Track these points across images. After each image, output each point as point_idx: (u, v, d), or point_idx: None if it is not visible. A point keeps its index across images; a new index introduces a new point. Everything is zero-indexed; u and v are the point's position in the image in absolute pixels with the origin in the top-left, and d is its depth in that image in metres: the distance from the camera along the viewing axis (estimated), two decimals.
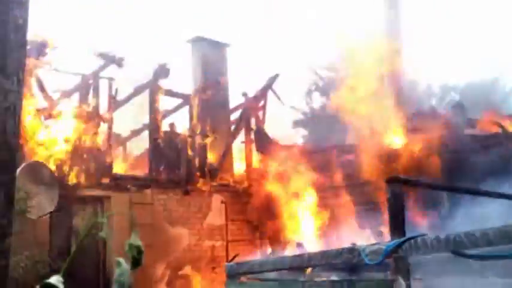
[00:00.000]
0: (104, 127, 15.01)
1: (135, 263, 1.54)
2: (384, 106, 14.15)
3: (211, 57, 18.46)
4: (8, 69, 3.36)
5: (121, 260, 1.49)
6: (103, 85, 15.16)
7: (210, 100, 17.24)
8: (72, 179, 13.55)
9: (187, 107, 17.09)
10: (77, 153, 13.83)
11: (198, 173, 16.18)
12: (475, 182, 6.43)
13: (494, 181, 7.26)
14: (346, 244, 5.57)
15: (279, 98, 18.22)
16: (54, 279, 1.49)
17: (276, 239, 15.28)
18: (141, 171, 16.38)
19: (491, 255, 4.04)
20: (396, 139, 14.11)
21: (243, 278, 6.48)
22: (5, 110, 3.33)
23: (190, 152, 16.17)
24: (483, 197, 5.75)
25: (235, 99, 18.62)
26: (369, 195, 12.31)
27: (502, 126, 11.63)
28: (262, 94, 18.03)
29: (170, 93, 16.67)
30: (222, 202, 16.46)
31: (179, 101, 17.60)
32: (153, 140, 15.78)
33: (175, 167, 15.92)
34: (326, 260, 5.17)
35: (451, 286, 4.32)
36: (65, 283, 1.51)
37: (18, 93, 3.44)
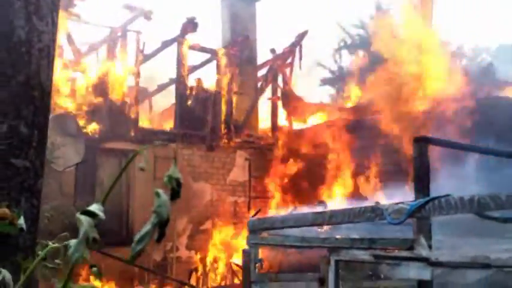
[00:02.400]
0: (131, 81, 15.08)
1: (175, 194, 1.54)
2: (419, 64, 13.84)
3: (240, 12, 18.30)
4: (42, 10, 3.35)
5: (160, 190, 1.49)
6: (131, 38, 15.17)
7: (238, 56, 17.15)
8: (97, 132, 13.67)
9: (214, 63, 17.02)
10: (102, 105, 13.93)
11: (223, 129, 16.19)
12: (505, 144, 6.33)
13: None
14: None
15: (300, 60, 17.93)
16: (95, 207, 1.49)
17: (302, 199, 15.25)
18: (167, 126, 16.47)
19: None
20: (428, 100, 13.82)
21: (264, 233, 6.51)
22: (39, 51, 3.33)
23: (216, 108, 16.15)
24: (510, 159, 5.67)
25: (263, 56, 18.50)
26: (399, 158, 12.16)
27: None
28: (290, 51, 17.83)
29: (198, 48, 16.60)
30: (246, 159, 16.51)
31: (207, 56, 17.53)
32: (179, 94, 15.80)
33: (200, 123, 15.94)
34: (348, 218, 5.15)
35: (472, 247, 4.28)
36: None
37: (52, 35, 3.43)
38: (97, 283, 9.14)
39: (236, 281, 14.16)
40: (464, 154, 5.42)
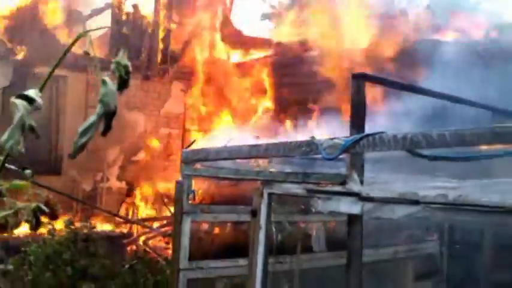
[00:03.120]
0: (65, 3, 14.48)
1: (122, 83, 1.42)
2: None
3: None
4: None
5: (107, 79, 1.37)
6: None
7: None
8: (25, 55, 13.14)
9: None
10: (31, 28, 13.35)
11: (159, 59, 15.87)
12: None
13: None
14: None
15: None
16: (32, 92, 1.37)
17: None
18: (101, 53, 15.97)
19: (446, 156, 4.09)
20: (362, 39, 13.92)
21: (198, 165, 6.48)
22: None
23: (152, 37, 15.76)
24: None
25: None
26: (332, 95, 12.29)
27: None
28: None
29: None
30: (181, 90, 16.30)
31: None
32: (115, 20, 15.30)
33: (136, 51, 15.55)
34: (283, 151, 5.17)
35: (402, 184, 4.39)
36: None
37: None
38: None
39: (167, 213, 14.19)
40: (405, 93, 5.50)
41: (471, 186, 3.94)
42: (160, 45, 15.94)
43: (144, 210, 15.16)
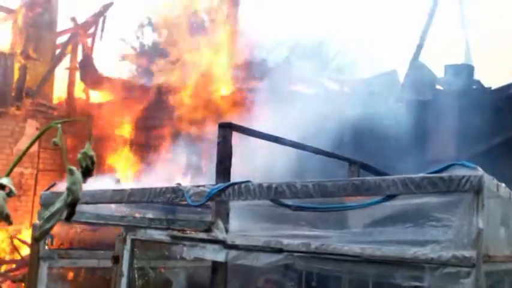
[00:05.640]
0: None
1: (87, 173, 1.45)
2: (218, 51, 14.27)
3: None
4: None
5: (73, 168, 1.39)
6: None
7: (37, 19, 16.13)
8: None
9: (10, 23, 15.85)
10: None
11: (13, 95, 15.16)
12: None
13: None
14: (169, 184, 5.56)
15: (102, 31, 17.47)
16: (5, 180, 1.36)
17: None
18: None
19: (308, 206, 4.28)
20: (224, 88, 14.31)
21: None
22: None
23: (7, 72, 15.06)
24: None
25: (64, 22, 17.60)
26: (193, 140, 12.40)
27: None
28: (94, 21, 17.21)
29: None
30: (36, 128, 15.65)
31: (2, 14, 16.25)
32: None
33: None
34: (148, 197, 5.14)
35: (267, 232, 4.53)
36: None
37: None
38: None
39: (18, 256, 13.38)
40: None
41: (333, 236, 4.15)
42: (15, 81, 15.25)
43: None
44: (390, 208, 4.09)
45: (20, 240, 13.56)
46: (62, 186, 7.16)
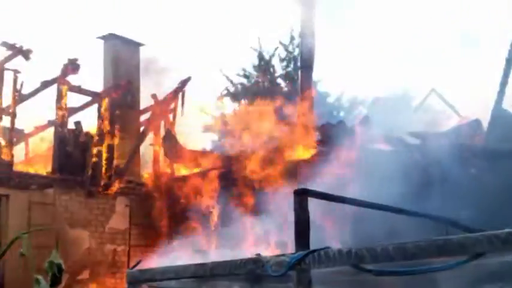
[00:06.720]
0: (6, 121, 14.42)
1: (55, 281, 1.47)
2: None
3: (123, 55, 18.11)
4: None
5: (40, 278, 1.41)
6: (8, 77, 14.55)
7: (120, 100, 16.90)
8: None
9: (95, 106, 16.65)
10: None
11: (103, 175, 15.77)
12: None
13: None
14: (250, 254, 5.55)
15: (182, 106, 18.02)
16: None
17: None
18: (44, 170, 15.79)
19: (389, 270, 4.12)
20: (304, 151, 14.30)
21: (144, 286, 6.34)
22: None
23: (96, 153, 15.73)
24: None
25: (146, 100, 18.32)
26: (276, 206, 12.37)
27: None
28: (173, 97, 17.82)
29: (79, 90, 16.21)
30: (126, 205, 16.12)
31: (88, 98, 17.11)
32: (58, 138, 15.26)
33: (80, 167, 15.44)
34: (229, 270, 5.13)
35: None
36: None
37: None
38: None
39: None
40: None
41: None
42: (104, 161, 15.88)
43: None
44: (480, 268, 3.88)
45: None
46: (148, 263, 7.29)
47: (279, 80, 27.52)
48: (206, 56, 34.46)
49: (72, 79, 15.61)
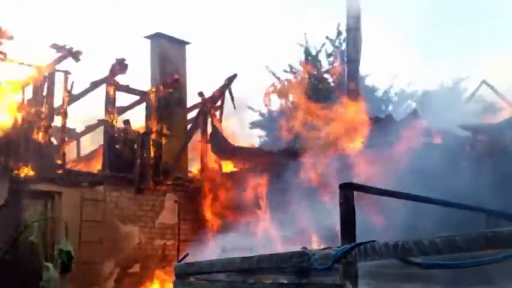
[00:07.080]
0: (57, 121, 14.75)
1: (65, 268, 1.45)
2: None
3: (170, 54, 18.28)
4: None
5: (49, 265, 1.40)
6: (59, 78, 14.87)
7: (168, 98, 17.09)
8: (22, 172, 13.24)
9: (144, 104, 16.88)
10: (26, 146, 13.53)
11: (152, 172, 15.98)
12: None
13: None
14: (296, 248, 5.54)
15: (232, 101, 18.10)
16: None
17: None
18: (94, 168, 16.12)
19: (437, 263, 4.06)
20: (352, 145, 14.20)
21: (192, 279, 6.41)
22: None
23: (145, 150, 15.95)
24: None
25: (193, 98, 18.47)
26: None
27: None
28: (220, 94, 17.91)
29: (127, 89, 16.45)
30: (175, 201, 16.32)
31: (136, 97, 17.36)
32: (107, 136, 15.54)
33: (129, 165, 15.68)
34: (275, 263, 5.14)
35: None
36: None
37: None
38: None
39: None
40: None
41: None
42: (153, 158, 16.09)
43: None
44: None
45: None
46: (195, 257, 7.36)
47: (326, 75, 27.35)
48: (252, 53, 34.58)
49: (120, 79, 15.85)
